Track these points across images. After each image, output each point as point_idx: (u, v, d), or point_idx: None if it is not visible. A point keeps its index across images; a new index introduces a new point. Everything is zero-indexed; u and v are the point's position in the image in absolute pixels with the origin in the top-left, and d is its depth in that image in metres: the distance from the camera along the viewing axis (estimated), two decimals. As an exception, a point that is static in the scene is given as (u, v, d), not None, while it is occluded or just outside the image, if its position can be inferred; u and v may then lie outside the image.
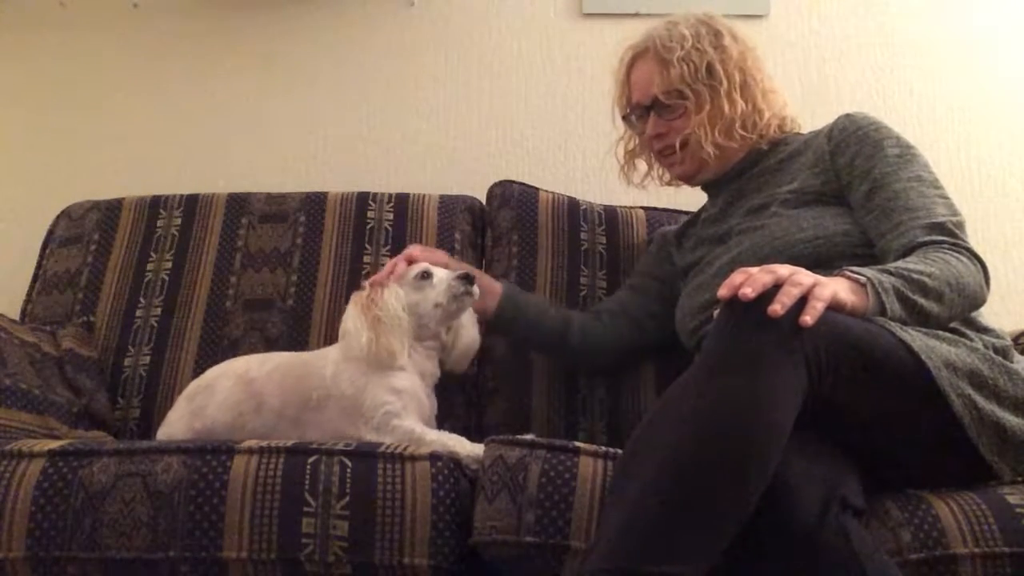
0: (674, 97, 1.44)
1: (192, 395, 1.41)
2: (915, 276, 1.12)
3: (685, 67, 1.42)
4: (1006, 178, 2.07)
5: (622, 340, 1.56)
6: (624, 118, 1.56)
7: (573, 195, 1.84)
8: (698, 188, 1.57)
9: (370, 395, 1.32)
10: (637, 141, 1.59)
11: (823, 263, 1.26)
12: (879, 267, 1.14)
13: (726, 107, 1.42)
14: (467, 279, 1.40)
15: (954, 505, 1.03)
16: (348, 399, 1.32)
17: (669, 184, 1.63)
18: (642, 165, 1.61)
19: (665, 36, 1.46)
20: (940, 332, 1.14)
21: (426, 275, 1.41)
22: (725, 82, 1.42)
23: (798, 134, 1.50)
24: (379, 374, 1.34)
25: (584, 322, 1.55)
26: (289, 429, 1.32)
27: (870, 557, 0.91)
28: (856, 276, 1.09)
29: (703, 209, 1.58)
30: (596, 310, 1.59)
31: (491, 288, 1.52)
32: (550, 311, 1.56)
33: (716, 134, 1.42)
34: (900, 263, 1.16)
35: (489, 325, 1.54)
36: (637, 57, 1.50)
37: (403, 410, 1.31)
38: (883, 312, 1.08)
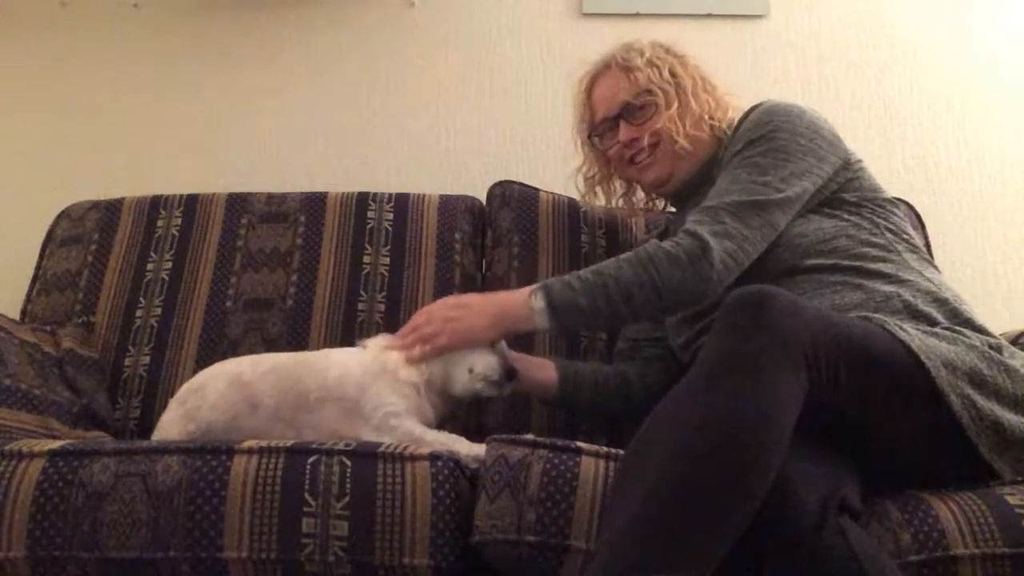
0: (643, 97, 1.48)
1: (184, 398, 1.40)
2: (584, 284, 1.27)
3: (650, 70, 1.48)
4: (1006, 178, 2.07)
5: (674, 377, 1.54)
6: (588, 139, 1.59)
7: (573, 196, 1.84)
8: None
9: (373, 396, 1.31)
10: (597, 168, 1.61)
11: (790, 268, 1.29)
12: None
13: (693, 103, 1.47)
14: (509, 376, 1.33)
15: (954, 506, 1.03)
16: (349, 400, 1.31)
17: (631, 215, 1.71)
18: (602, 194, 1.65)
19: (623, 51, 1.53)
20: (939, 331, 1.15)
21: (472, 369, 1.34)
22: (689, 82, 1.48)
23: None
24: (385, 378, 1.33)
25: (639, 372, 1.51)
26: (285, 430, 1.31)
27: (871, 558, 0.91)
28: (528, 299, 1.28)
29: (672, 219, 1.61)
30: (644, 358, 1.54)
31: (541, 363, 1.48)
32: (606, 372, 1.51)
33: (687, 127, 1.45)
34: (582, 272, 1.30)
35: (551, 402, 1.50)
36: (597, 76, 1.55)
37: (404, 411, 1.31)
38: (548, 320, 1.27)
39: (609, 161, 1.59)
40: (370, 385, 1.32)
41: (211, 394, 1.36)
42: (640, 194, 1.66)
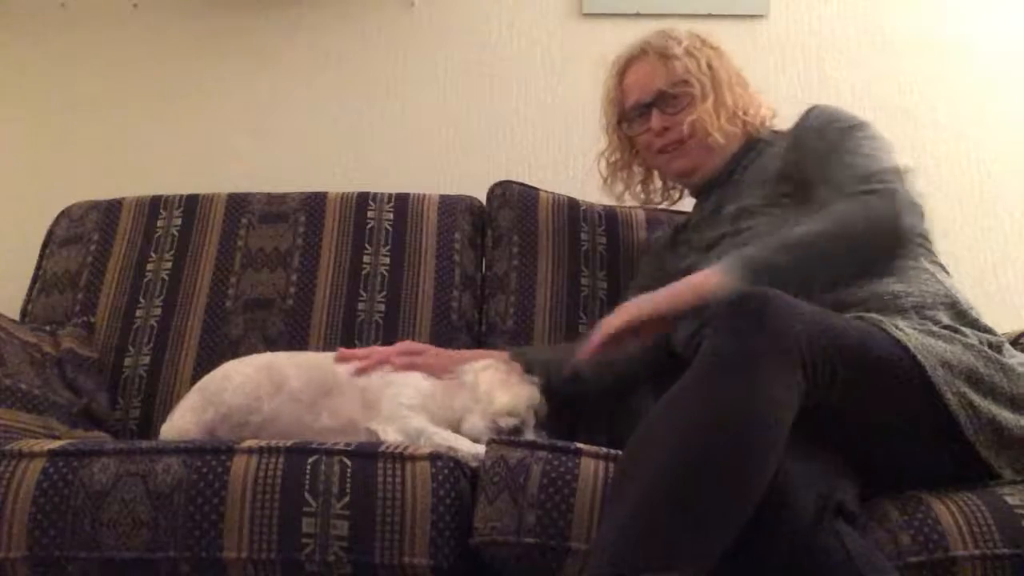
0: (680, 87, 1.47)
1: (206, 385, 1.42)
2: (775, 243, 1.20)
3: (688, 60, 1.47)
4: (1006, 177, 2.07)
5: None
6: (618, 124, 1.57)
7: (573, 195, 1.84)
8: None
9: (396, 388, 1.33)
10: (620, 155, 1.60)
11: None
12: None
13: (728, 97, 1.47)
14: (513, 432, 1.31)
15: (953, 506, 1.03)
16: (372, 391, 1.33)
17: (647, 203, 1.68)
18: (620, 181, 1.64)
19: (661, 38, 1.51)
20: (936, 329, 1.14)
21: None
22: (724, 75, 1.48)
23: (777, 132, 1.52)
24: (412, 375, 1.37)
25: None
26: (303, 413, 1.33)
27: (866, 558, 0.91)
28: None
29: (692, 214, 1.59)
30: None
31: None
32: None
33: (722, 120, 1.45)
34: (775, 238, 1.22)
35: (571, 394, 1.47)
36: (632, 61, 1.53)
37: (418, 406, 1.32)
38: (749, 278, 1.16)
39: (633, 147, 1.58)
40: (399, 379, 1.35)
41: (238, 377, 1.38)
42: (657, 183, 1.64)
